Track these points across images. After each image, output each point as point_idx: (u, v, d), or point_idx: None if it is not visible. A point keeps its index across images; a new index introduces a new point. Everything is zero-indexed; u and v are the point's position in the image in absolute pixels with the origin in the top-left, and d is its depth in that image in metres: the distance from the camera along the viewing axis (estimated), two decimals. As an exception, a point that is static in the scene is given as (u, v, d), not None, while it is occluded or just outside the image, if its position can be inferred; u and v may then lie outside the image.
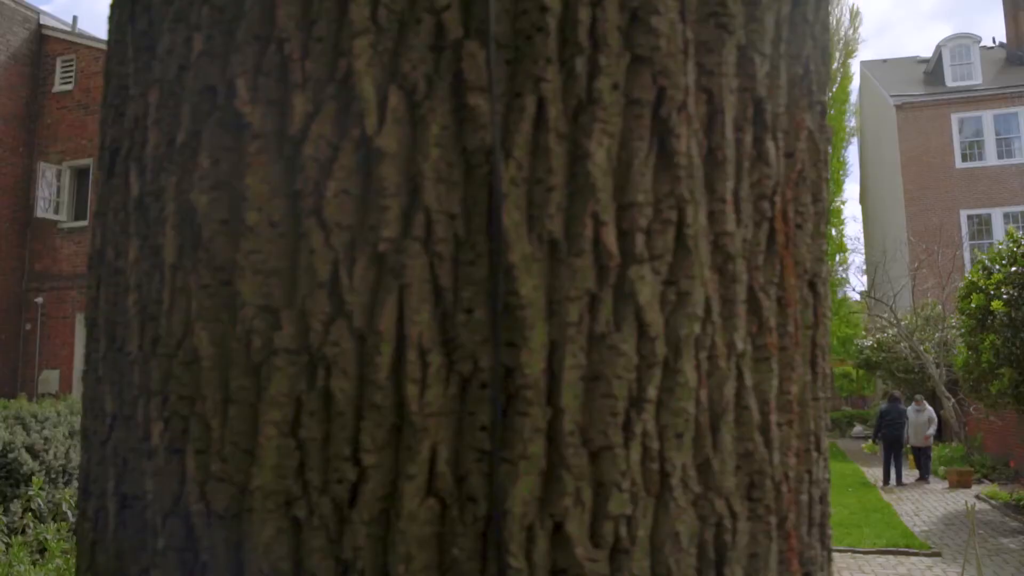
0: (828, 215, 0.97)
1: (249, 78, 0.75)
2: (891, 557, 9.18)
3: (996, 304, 11.80)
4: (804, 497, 0.85)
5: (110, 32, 0.94)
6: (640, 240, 0.72)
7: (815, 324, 0.89)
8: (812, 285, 0.89)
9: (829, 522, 0.94)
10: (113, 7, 0.94)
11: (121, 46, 0.90)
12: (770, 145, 0.81)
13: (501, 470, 0.69)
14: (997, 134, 30.49)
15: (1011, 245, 12.57)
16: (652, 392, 0.72)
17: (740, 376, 0.78)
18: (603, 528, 0.70)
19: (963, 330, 13.73)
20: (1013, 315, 11.59)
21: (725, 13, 0.77)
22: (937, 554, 9.31)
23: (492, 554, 0.68)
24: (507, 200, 0.70)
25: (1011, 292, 11.77)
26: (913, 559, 9.16)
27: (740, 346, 0.78)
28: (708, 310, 0.75)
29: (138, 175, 0.83)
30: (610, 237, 0.71)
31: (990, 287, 12.20)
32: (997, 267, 12.32)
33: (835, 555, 9.38)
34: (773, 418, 0.80)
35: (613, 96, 0.72)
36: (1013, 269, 11.90)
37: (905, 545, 9.63)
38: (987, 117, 30.67)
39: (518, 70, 0.72)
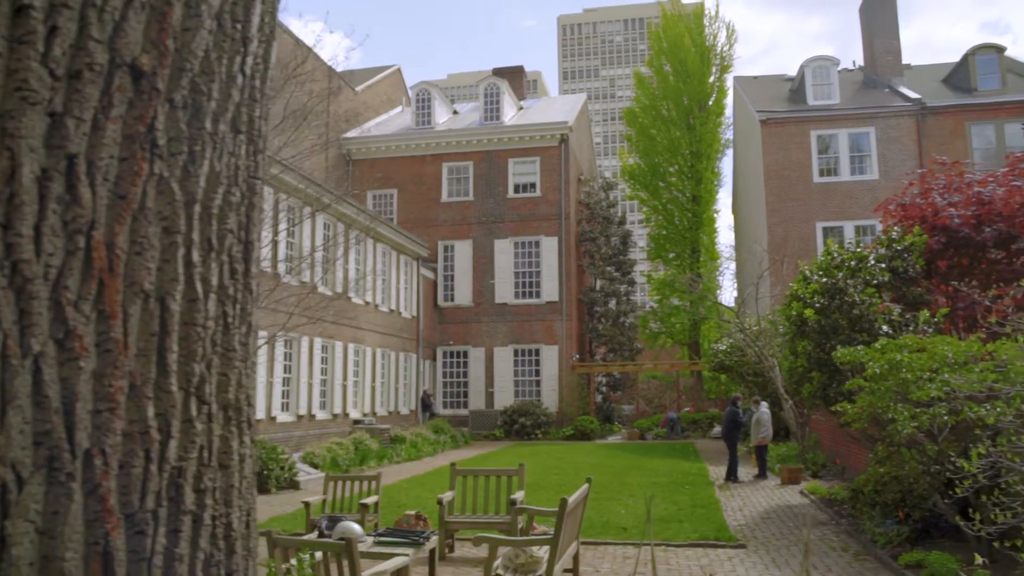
0: (201, 242, 1.20)
1: None
2: (699, 549, 9.76)
3: (808, 312, 12.61)
4: (136, 471, 1.08)
5: None
6: None
7: (163, 332, 1.12)
8: (162, 301, 1.12)
9: (199, 493, 1.17)
10: None
11: None
12: (84, 190, 1.04)
13: None
14: (851, 151, 32.36)
15: (826, 257, 13.46)
16: (-69, 384, 0.94)
17: (38, 372, 1.00)
18: None
19: (787, 336, 14.61)
20: (823, 323, 12.43)
21: (28, 88, 1.00)
22: (742, 546, 9.94)
23: None
24: None
25: (822, 301, 12.61)
26: (719, 551, 9.76)
27: (37, 348, 1.00)
28: (-2, 320, 0.97)
29: None
30: None
31: (807, 296, 13.03)
32: (815, 277, 13.15)
33: (648, 548, 9.89)
34: (81, 405, 1.03)
35: None
36: (825, 280, 12.75)
37: (715, 538, 10.24)
38: (842, 135, 32.50)
39: None
